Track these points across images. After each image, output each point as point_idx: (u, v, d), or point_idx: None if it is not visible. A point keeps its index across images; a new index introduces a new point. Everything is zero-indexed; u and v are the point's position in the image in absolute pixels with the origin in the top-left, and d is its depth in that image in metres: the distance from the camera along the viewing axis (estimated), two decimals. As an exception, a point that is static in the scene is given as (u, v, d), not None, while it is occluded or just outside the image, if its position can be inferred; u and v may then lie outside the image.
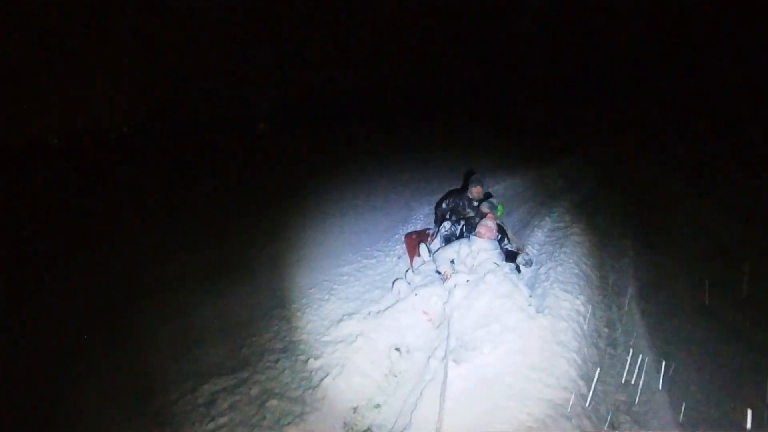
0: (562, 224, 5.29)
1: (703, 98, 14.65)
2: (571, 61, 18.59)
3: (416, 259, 4.18)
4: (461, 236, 4.12)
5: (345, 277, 4.29)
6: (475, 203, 4.39)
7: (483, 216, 4.16)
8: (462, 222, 4.28)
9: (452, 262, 3.83)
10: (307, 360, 3.11)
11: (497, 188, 6.36)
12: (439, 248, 4.08)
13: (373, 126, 15.39)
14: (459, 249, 3.83)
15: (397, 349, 3.19)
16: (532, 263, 3.98)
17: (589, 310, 3.42)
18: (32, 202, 8.63)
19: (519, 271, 3.73)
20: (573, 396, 2.50)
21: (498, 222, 4.11)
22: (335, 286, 4.12)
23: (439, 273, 3.76)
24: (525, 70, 19.01)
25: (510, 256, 3.84)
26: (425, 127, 14.52)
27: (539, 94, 18.00)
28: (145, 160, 12.51)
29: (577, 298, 3.45)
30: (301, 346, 3.30)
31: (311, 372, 3.00)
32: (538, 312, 3.12)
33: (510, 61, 19.24)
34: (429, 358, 2.94)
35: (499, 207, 4.23)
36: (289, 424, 2.62)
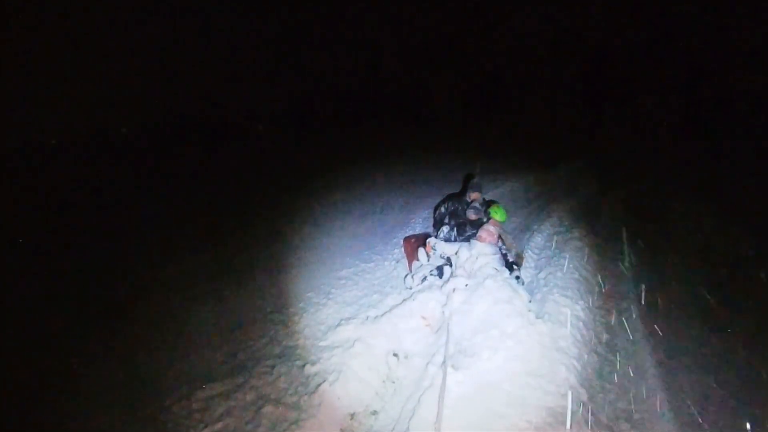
0: (561, 229, 5.27)
1: (703, 102, 14.70)
2: (572, 64, 18.64)
3: (415, 263, 4.14)
4: (455, 242, 4.09)
5: (343, 281, 4.26)
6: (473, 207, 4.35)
7: (470, 222, 4.13)
8: (455, 228, 4.25)
9: (448, 259, 3.83)
10: (304, 365, 3.07)
11: (497, 192, 6.35)
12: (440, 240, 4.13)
13: (372, 128, 15.41)
14: (459, 251, 3.80)
15: (395, 355, 3.15)
16: (523, 283, 3.87)
17: (589, 316, 3.40)
18: (31, 202, 8.60)
19: (519, 278, 3.67)
20: (573, 403, 2.47)
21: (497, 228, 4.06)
22: (333, 290, 4.08)
23: (444, 259, 3.83)
24: (525, 73, 19.05)
25: (507, 267, 3.78)
26: (424, 129, 14.54)
27: (540, 97, 18.06)
28: (143, 161, 12.49)
29: (577, 303, 3.43)
30: (298, 351, 3.26)
31: (308, 378, 2.95)
32: (537, 318, 3.09)
33: (511, 63, 19.29)
34: (427, 364, 2.90)
35: (501, 212, 4.13)
36: (285, 430, 2.58)
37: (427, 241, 4.10)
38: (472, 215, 4.12)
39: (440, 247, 3.95)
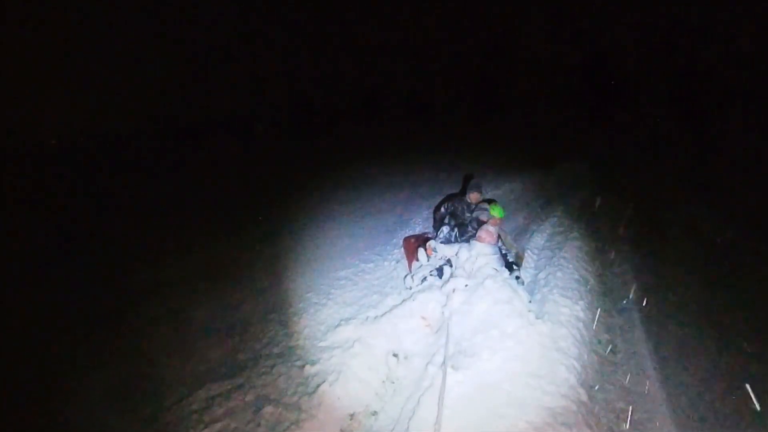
0: (561, 229, 5.27)
1: (701, 102, 14.71)
2: (572, 65, 18.68)
3: (415, 263, 4.14)
4: (455, 242, 4.10)
5: (342, 282, 4.25)
6: (473, 208, 4.36)
7: (480, 223, 4.13)
8: (456, 228, 4.25)
9: (448, 260, 3.85)
10: (304, 366, 3.07)
11: (497, 192, 6.35)
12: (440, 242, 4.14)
13: (371, 129, 15.40)
14: (458, 252, 3.81)
15: (395, 355, 3.15)
16: (523, 283, 3.82)
17: (589, 316, 3.39)
18: (29, 203, 8.60)
19: (519, 278, 3.67)
20: (573, 404, 2.47)
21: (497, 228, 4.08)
22: (333, 291, 4.08)
23: (444, 261, 3.85)
24: (526, 73, 19.08)
25: (507, 267, 3.78)
26: (424, 130, 14.54)
27: (539, 97, 18.08)
28: (142, 162, 12.49)
29: (577, 303, 3.43)
30: (298, 352, 3.26)
31: (308, 378, 2.95)
32: (537, 318, 3.09)
33: (511, 63, 19.31)
34: (427, 364, 2.90)
35: (499, 209, 4.16)
36: (285, 430, 2.58)
37: (428, 244, 4.11)
38: (483, 217, 4.13)
39: (440, 249, 3.96)
